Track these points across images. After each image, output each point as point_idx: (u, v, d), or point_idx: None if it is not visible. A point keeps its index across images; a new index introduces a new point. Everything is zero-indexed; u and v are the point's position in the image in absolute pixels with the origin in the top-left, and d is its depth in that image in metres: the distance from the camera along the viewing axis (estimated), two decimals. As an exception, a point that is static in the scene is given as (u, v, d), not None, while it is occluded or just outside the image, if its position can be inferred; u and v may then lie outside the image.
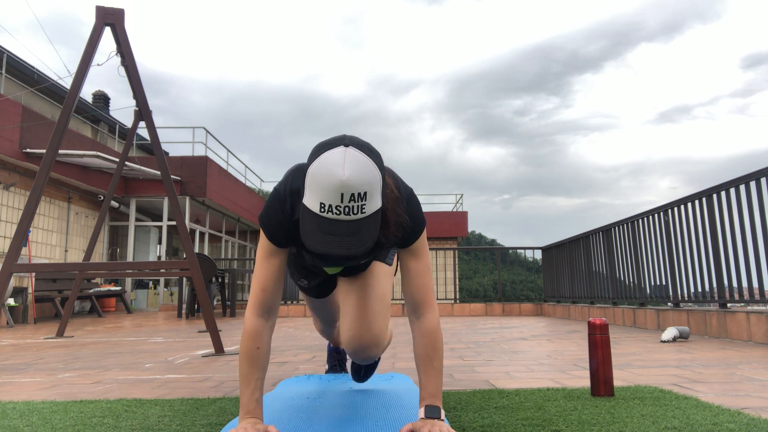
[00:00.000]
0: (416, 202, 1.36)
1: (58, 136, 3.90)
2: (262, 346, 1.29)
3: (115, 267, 6.94)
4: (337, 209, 1.08)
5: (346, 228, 1.10)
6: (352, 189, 1.08)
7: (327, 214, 1.09)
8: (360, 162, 1.10)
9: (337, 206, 1.08)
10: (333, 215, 1.09)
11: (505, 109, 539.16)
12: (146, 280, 12.75)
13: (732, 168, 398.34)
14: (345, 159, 1.09)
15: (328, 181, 1.08)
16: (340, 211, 1.09)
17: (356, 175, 1.08)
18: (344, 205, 1.08)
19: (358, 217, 1.10)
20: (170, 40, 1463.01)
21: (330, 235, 1.10)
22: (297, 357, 3.21)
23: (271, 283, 1.32)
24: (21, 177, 8.71)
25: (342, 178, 1.07)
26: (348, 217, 1.09)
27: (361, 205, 1.09)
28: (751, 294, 3.86)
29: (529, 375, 2.38)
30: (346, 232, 1.10)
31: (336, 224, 1.10)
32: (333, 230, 1.10)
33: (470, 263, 20.59)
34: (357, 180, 1.08)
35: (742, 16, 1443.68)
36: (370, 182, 1.10)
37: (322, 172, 1.09)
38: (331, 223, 1.10)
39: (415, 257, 1.36)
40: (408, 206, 1.32)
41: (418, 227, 1.35)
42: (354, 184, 1.08)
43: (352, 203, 1.08)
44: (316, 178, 1.10)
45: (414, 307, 1.35)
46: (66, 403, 1.84)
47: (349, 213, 1.09)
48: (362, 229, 1.11)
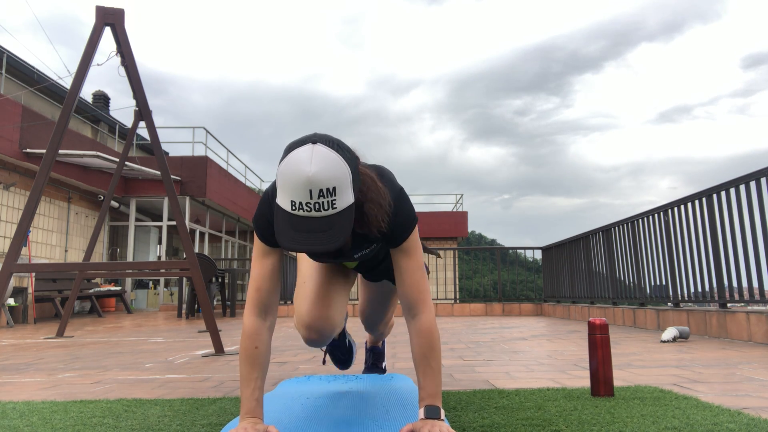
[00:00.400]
0: (405, 200, 1.36)
1: (58, 136, 3.90)
2: (260, 346, 1.29)
3: (115, 267, 6.94)
4: (308, 206, 1.10)
5: (318, 224, 1.11)
6: (320, 185, 1.09)
7: (298, 212, 1.11)
8: (326, 158, 1.11)
9: (308, 203, 1.09)
10: (304, 212, 1.10)
11: (505, 109, 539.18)
12: (146, 280, 12.75)
13: (732, 168, 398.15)
14: (312, 155, 1.10)
15: (295, 178, 1.09)
16: (311, 207, 1.10)
17: (323, 171, 1.09)
18: (314, 201, 1.09)
19: (329, 213, 1.11)
20: (170, 40, 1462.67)
21: (302, 232, 1.11)
22: (297, 357, 3.21)
23: (266, 282, 1.33)
24: (21, 177, 8.71)
25: (308, 174, 1.08)
26: (319, 213, 1.10)
27: (331, 200, 1.10)
28: (751, 294, 3.86)
29: (529, 375, 2.38)
30: (318, 229, 1.11)
31: (307, 221, 1.11)
32: (305, 227, 1.11)
33: (470, 263, 20.60)
34: (324, 175, 1.09)
35: (742, 16, 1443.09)
36: (338, 177, 1.11)
37: (290, 169, 1.10)
38: (302, 221, 1.11)
39: (406, 255, 1.36)
40: (397, 204, 1.32)
41: (409, 225, 1.34)
42: (321, 179, 1.09)
43: (322, 199, 1.09)
44: (285, 177, 1.11)
45: (409, 307, 1.35)
46: (66, 403, 1.84)
47: (320, 209, 1.10)
48: (334, 224, 1.12)
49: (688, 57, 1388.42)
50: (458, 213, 19.92)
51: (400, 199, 1.34)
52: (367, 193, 1.24)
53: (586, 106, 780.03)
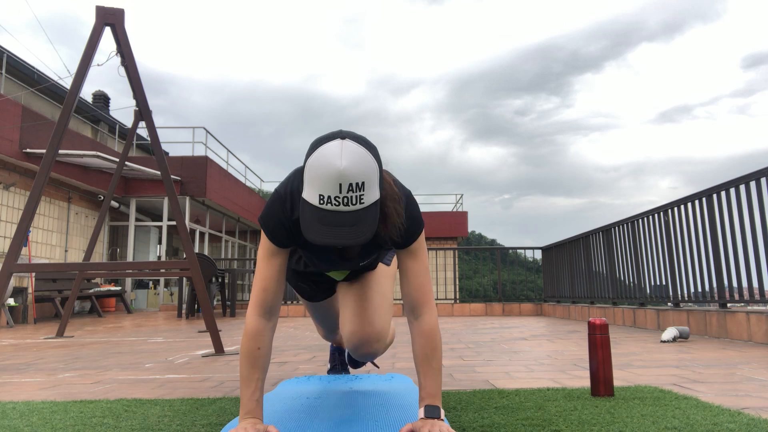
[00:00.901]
0: (414, 203, 1.37)
1: (58, 136, 3.90)
2: (262, 347, 1.30)
3: (115, 267, 6.94)
4: (336, 200, 1.10)
5: (346, 219, 1.12)
6: (350, 179, 1.09)
7: (326, 206, 1.11)
8: (357, 153, 1.11)
9: (336, 197, 1.10)
10: (332, 206, 1.11)
11: (505, 109, 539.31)
12: (146, 280, 12.75)
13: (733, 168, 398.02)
14: (342, 150, 1.11)
15: (326, 172, 1.09)
16: (339, 201, 1.10)
17: (353, 165, 1.10)
18: (343, 195, 1.10)
19: (357, 207, 1.11)
20: (170, 40, 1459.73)
21: (330, 226, 1.12)
22: (297, 357, 3.21)
23: (273, 283, 1.33)
24: (21, 177, 8.71)
25: (339, 168, 1.09)
26: (347, 207, 1.11)
27: (360, 195, 1.11)
28: (751, 294, 3.86)
29: (529, 375, 2.38)
30: (345, 223, 1.12)
31: (335, 215, 1.11)
32: (332, 221, 1.12)
33: (470, 263, 20.63)
34: (354, 170, 1.10)
35: (742, 15, 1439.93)
36: (367, 172, 1.12)
37: (320, 163, 1.11)
38: (330, 215, 1.11)
39: (413, 257, 1.37)
40: (407, 207, 1.33)
41: (417, 228, 1.36)
42: (351, 174, 1.09)
43: (351, 194, 1.10)
44: (315, 171, 1.11)
45: (412, 308, 1.36)
46: (66, 403, 1.84)
47: (348, 203, 1.11)
48: (361, 219, 1.13)
49: (689, 57, 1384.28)
50: (458, 213, 19.92)
51: (409, 203, 1.35)
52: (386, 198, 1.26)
53: (587, 106, 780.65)
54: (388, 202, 1.26)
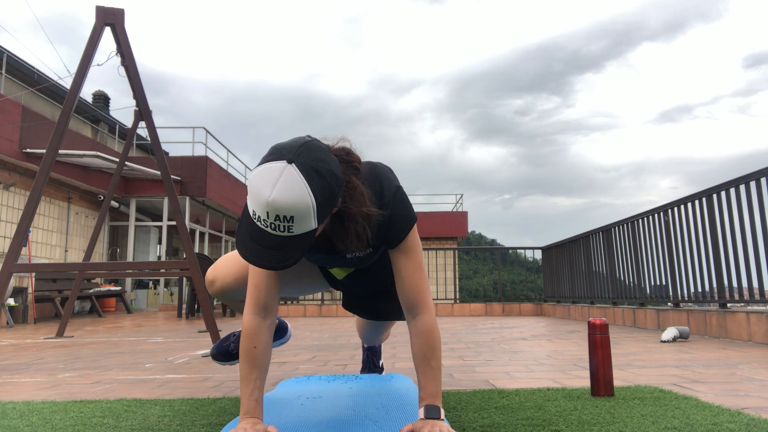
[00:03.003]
0: (402, 199, 1.34)
1: (58, 136, 3.90)
2: (259, 346, 1.28)
3: (115, 267, 6.94)
4: (265, 222, 1.09)
5: (272, 240, 1.10)
6: (277, 211, 1.07)
7: (258, 222, 1.10)
8: (292, 186, 1.07)
9: (264, 219, 1.09)
10: (262, 225, 1.10)
11: (506, 109, 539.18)
12: (146, 280, 12.75)
13: (733, 167, 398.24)
14: (278, 179, 1.06)
15: (257, 196, 1.08)
16: (267, 225, 1.09)
17: (282, 200, 1.06)
18: (270, 221, 1.08)
19: (285, 234, 1.10)
20: (170, 40, 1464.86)
21: (257, 244, 1.11)
22: (297, 357, 3.21)
23: (264, 279, 1.31)
24: (21, 177, 8.71)
25: (267, 199, 1.06)
26: (275, 232, 1.09)
27: (288, 225, 1.09)
28: (751, 294, 3.86)
29: (529, 375, 2.38)
30: (272, 245, 1.10)
31: (263, 235, 1.10)
32: (260, 239, 1.11)
33: (470, 263, 20.64)
34: (282, 204, 1.06)
35: (743, 15, 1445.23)
36: (297, 208, 1.07)
37: (256, 185, 1.08)
38: (259, 232, 1.11)
39: (405, 255, 1.34)
40: (394, 203, 1.31)
41: (406, 225, 1.33)
42: (279, 207, 1.06)
43: (278, 222, 1.08)
44: (251, 186, 1.10)
45: (409, 307, 1.34)
46: (66, 403, 1.84)
47: (275, 230, 1.09)
48: (289, 245, 1.11)
49: (690, 56, 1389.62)
50: (458, 213, 19.92)
51: (397, 198, 1.32)
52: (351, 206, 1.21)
53: (587, 106, 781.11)
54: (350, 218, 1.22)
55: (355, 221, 1.23)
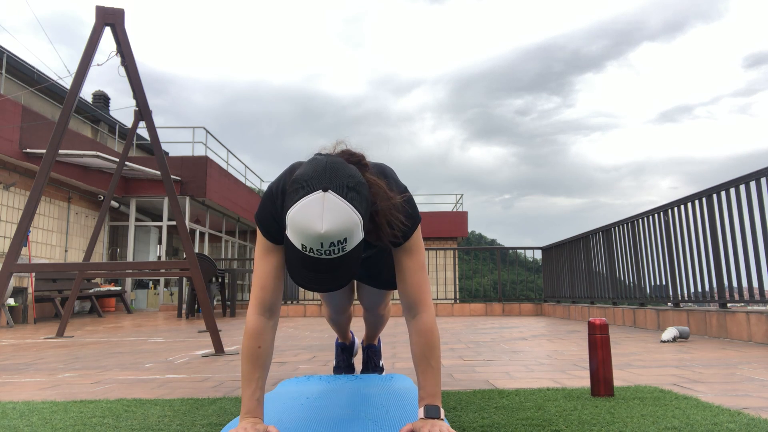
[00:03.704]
0: (409, 200, 1.36)
1: (58, 136, 3.90)
2: (263, 346, 1.29)
3: (115, 267, 6.94)
4: (318, 252, 1.10)
5: (327, 265, 1.12)
6: (331, 238, 1.08)
7: (310, 254, 1.11)
8: (339, 212, 1.08)
9: (318, 250, 1.10)
10: (315, 254, 1.11)
11: (506, 109, 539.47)
12: (146, 280, 12.74)
13: (734, 167, 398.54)
14: (323, 209, 1.07)
15: (307, 232, 1.08)
16: (321, 253, 1.10)
17: (334, 228, 1.07)
18: (325, 249, 1.10)
19: (339, 255, 1.11)
20: (170, 40, 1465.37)
21: (312, 272, 1.13)
22: (297, 357, 3.21)
23: (271, 280, 1.32)
24: (21, 177, 8.71)
25: (320, 232, 1.07)
26: (329, 257, 1.11)
27: (342, 247, 1.10)
28: (751, 294, 3.86)
29: (529, 375, 2.38)
30: (327, 269, 1.13)
31: (317, 262, 1.12)
32: (314, 267, 1.13)
33: (470, 263, 20.64)
34: (335, 232, 1.08)
35: (744, 15, 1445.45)
36: (349, 229, 1.10)
37: (302, 222, 1.08)
38: (312, 261, 1.12)
39: (409, 255, 1.35)
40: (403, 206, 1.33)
41: (412, 225, 1.34)
42: (333, 235, 1.08)
43: (332, 248, 1.10)
44: (296, 226, 1.10)
45: (409, 306, 1.35)
46: (66, 403, 1.84)
47: (330, 254, 1.11)
48: (343, 264, 1.13)
49: (690, 56, 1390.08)
50: (458, 213, 19.92)
51: (406, 202, 1.34)
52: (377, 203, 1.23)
53: (588, 106, 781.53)
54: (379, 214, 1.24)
55: (384, 214, 1.25)
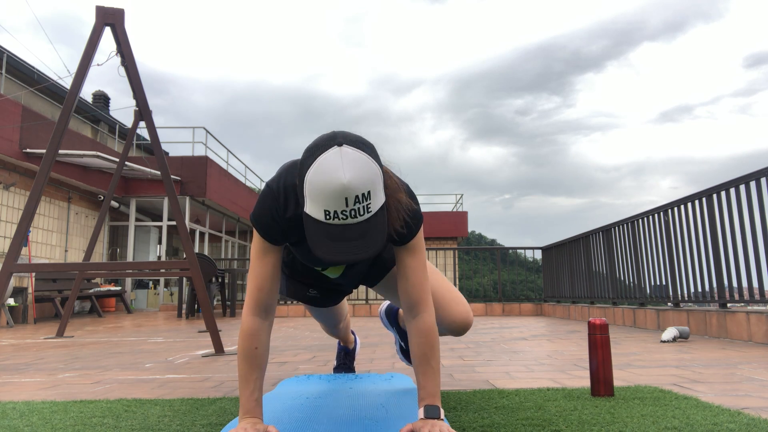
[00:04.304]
0: (414, 197, 1.36)
1: (58, 136, 3.90)
2: (260, 346, 1.29)
3: (115, 267, 6.94)
4: (343, 214, 1.06)
5: (355, 231, 1.08)
6: (356, 191, 1.05)
7: (333, 221, 1.07)
8: (358, 161, 1.07)
9: (343, 211, 1.06)
10: (340, 221, 1.07)
11: (506, 109, 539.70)
12: (146, 280, 12.74)
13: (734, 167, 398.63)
14: (342, 161, 1.06)
15: (329, 188, 1.05)
16: (347, 215, 1.06)
17: (357, 176, 1.05)
18: (350, 208, 1.06)
19: (365, 217, 1.08)
20: (170, 40, 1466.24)
21: (340, 242, 1.08)
22: (297, 357, 3.21)
23: (268, 281, 1.31)
24: (21, 177, 8.71)
25: (344, 183, 1.04)
26: (355, 219, 1.07)
27: (366, 205, 1.07)
28: (751, 294, 3.86)
29: (529, 375, 2.38)
30: (355, 236, 1.08)
31: (344, 229, 1.08)
32: (342, 236, 1.08)
33: (470, 263, 20.63)
34: (359, 181, 1.05)
35: (745, 15, 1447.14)
36: (372, 180, 1.08)
37: (322, 179, 1.06)
38: (339, 229, 1.08)
39: (411, 254, 1.35)
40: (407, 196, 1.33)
41: (416, 224, 1.34)
42: (357, 186, 1.05)
43: (357, 205, 1.06)
44: (317, 186, 1.07)
45: (410, 306, 1.34)
46: (66, 403, 1.84)
47: (356, 215, 1.07)
48: (371, 228, 1.09)
49: (691, 56, 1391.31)
50: (458, 213, 19.93)
51: (410, 197, 1.34)
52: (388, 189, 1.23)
53: (588, 106, 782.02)
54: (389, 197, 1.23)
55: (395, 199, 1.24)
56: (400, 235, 1.31)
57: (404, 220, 1.27)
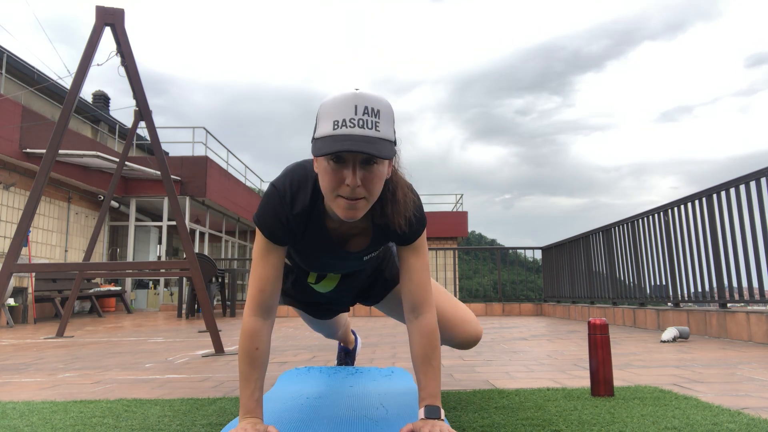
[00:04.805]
0: (419, 198, 1.38)
1: (58, 136, 3.90)
2: (261, 346, 1.29)
3: (115, 267, 6.94)
4: (351, 122, 1.08)
5: (362, 138, 1.09)
6: (366, 102, 1.09)
7: (341, 129, 1.08)
8: (373, 92, 1.13)
9: (351, 119, 1.08)
10: (347, 129, 1.08)
11: (506, 109, 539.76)
12: (146, 280, 12.74)
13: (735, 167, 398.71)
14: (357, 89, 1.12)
15: (341, 97, 1.10)
16: (354, 123, 1.08)
17: (369, 93, 1.11)
18: (358, 117, 1.08)
19: (373, 133, 1.10)
20: (170, 40, 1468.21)
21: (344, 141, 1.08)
22: (297, 357, 3.21)
23: (270, 282, 1.31)
24: (21, 177, 8.71)
25: (355, 92, 1.10)
26: (362, 130, 1.09)
27: (375, 121, 1.09)
28: (751, 294, 3.86)
29: (529, 375, 2.38)
30: (361, 140, 1.09)
31: (351, 136, 1.09)
32: (348, 139, 1.08)
33: (470, 263, 20.63)
34: (369, 96, 1.10)
35: (746, 14, 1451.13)
36: (383, 103, 1.12)
37: (335, 94, 1.11)
38: (345, 137, 1.09)
39: (415, 254, 1.36)
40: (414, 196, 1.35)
41: (421, 224, 1.35)
42: (367, 98, 1.10)
43: (366, 117, 1.08)
44: (328, 102, 1.12)
45: (413, 306, 1.34)
46: (66, 403, 1.84)
47: (364, 126, 1.09)
48: (378, 143, 1.10)
49: (691, 56, 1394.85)
50: (458, 213, 19.92)
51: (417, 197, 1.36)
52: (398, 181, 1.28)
53: (588, 106, 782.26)
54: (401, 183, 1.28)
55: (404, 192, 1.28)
56: (404, 231, 1.32)
57: (410, 216, 1.30)
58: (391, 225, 1.30)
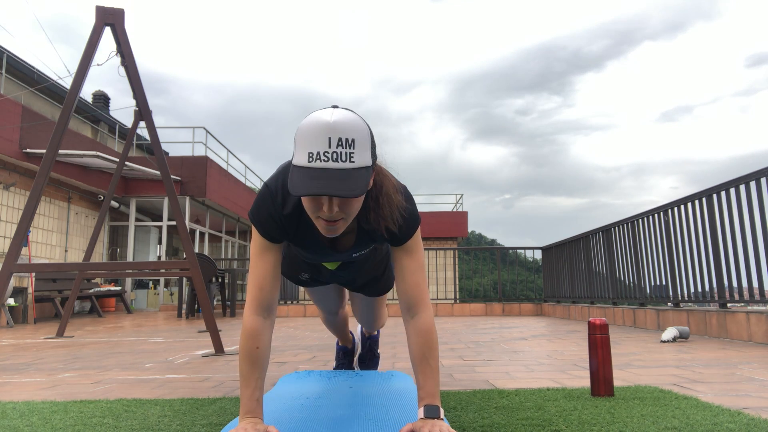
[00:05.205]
0: (410, 199, 1.37)
1: (58, 136, 3.90)
2: (261, 346, 1.29)
3: (115, 267, 6.94)
4: (325, 155, 1.08)
5: (336, 174, 1.08)
6: (339, 133, 1.08)
7: (315, 163, 1.08)
8: (348, 115, 1.12)
9: (325, 152, 1.08)
10: (321, 163, 1.08)
11: (506, 109, 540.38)
12: (146, 280, 12.74)
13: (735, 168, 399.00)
14: (333, 112, 1.11)
15: (315, 127, 1.09)
16: (328, 157, 1.08)
17: (343, 121, 1.09)
18: (332, 150, 1.08)
19: (347, 165, 1.09)
20: (171, 40, 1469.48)
21: (321, 180, 1.08)
22: (297, 357, 3.21)
23: (268, 280, 1.31)
24: (21, 177, 8.71)
25: (329, 122, 1.08)
26: (336, 164, 1.08)
27: (350, 152, 1.09)
28: (751, 294, 3.86)
29: (529, 375, 2.38)
30: (335, 177, 1.08)
31: (325, 171, 1.08)
32: (323, 176, 1.08)
33: (470, 263, 20.65)
34: (344, 125, 1.09)
35: (746, 14, 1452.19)
36: (357, 130, 1.11)
37: (310, 121, 1.11)
38: (320, 171, 1.08)
39: (409, 255, 1.36)
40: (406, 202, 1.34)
41: (414, 224, 1.35)
42: (341, 129, 1.08)
43: (340, 149, 1.08)
44: (304, 128, 1.11)
45: (408, 306, 1.35)
46: (66, 403, 1.84)
47: (338, 159, 1.08)
48: (352, 177, 1.09)
49: (691, 56, 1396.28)
50: (458, 213, 19.92)
51: (407, 198, 1.35)
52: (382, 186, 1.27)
53: (588, 106, 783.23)
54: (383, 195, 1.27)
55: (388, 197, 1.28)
56: (392, 234, 1.32)
57: (398, 219, 1.29)
58: (377, 230, 1.31)
